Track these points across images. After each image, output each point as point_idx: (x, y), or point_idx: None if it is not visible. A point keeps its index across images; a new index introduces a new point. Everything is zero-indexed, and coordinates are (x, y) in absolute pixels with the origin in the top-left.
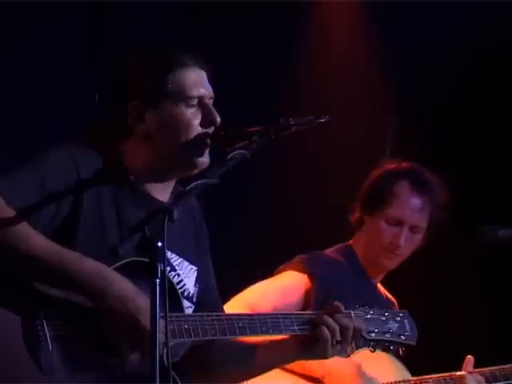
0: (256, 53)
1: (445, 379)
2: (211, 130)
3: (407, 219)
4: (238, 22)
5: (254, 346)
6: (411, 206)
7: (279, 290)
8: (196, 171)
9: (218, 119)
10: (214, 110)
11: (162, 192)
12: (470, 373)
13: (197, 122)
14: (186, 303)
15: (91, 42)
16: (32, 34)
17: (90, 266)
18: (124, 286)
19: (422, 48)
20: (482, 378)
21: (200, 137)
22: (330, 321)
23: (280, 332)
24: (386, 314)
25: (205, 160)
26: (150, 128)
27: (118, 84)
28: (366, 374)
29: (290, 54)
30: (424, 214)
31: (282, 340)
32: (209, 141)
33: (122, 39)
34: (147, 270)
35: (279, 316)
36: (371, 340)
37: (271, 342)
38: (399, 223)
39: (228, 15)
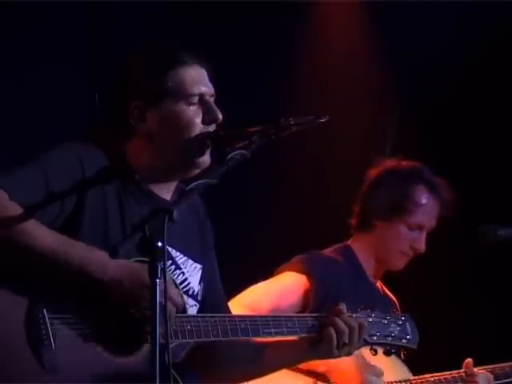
0: (256, 53)
1: (446, 378)
2: (213, 127)
3: (427, 224)
4: (237, 21)
5: (263, 346)
6: (432, 212)
7: (279, 290)
8: (197, 171)
9: (220, 116)
10: (215, 107)
11: (166, 191)
12: (477, 371)
13: (198, 119)
14: (190, 301)
15: (91, 42)
16: (32, 35)
17: (98, 254)
18: (132, 266)
19: (422, 48)
20: (491, 376)
21: (201, 136)
22: (340, 322)
23: (282, 334)
24: (388, 317)
25: (205, 159)
26: (152, 127)
27: (118, 84)
28: (370, 366)
29: (289, 54)
30: (437, 216)
31: (291, 341)
32: (209, 140)
33: (121, 39)
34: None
35: (282, 318)
36: (373, 343)
37: (280, 342)
38: (420, 228)
39: (228, 15)
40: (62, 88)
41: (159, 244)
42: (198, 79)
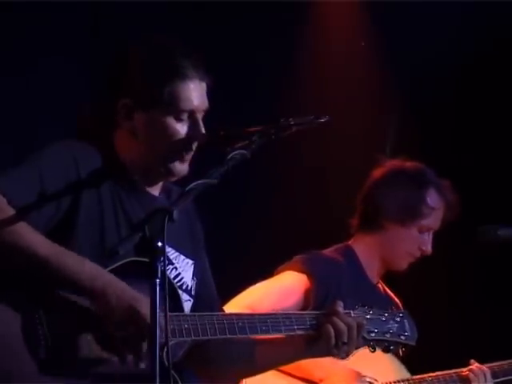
0: (256, 53)
1: (444, 378)
2: (194, 142)
3: (436, 227)
4: (237, 21)
5: (259, 344)
6: (441, 215)
7: (279, 290)
8: (174, 179)
9: (202, 134)
10: (199, 124)
11: (153, 187)
12: (471, 370)
13: (182, 133)
14: (184, 296)
15: (91, 42)
16: (32, 34)
17: (89, 267)
18: (122, 285)
19: (422, 48)
20: (486, 369)
21: (181, 144)
22: (339, 322)
23: (280, 332)
24: (386, 314)
25: (183, 168)
26: (137, 127)
27: (114, 77)
28: (363, 377)
29: (289, 54)
30: (442, 219)
31: (287, 338)
32: (189, 151)
33: (121, 39)
34: (146, 270)
35: (279, 316)
36: (371, 340)
37: (277, 340)
38: (428, 231)
39: (228, 15)
40: (62, 87)
41: (159, 244)
42: (193, 95)
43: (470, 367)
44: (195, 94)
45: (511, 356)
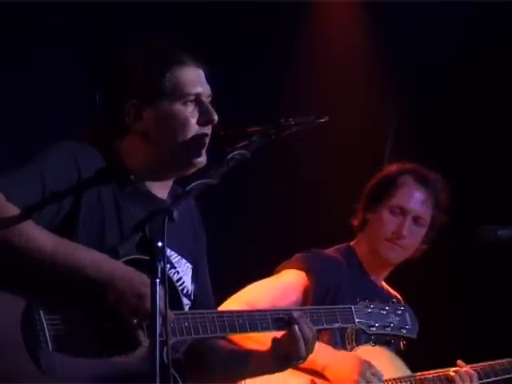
0: (256, 52)
1: (445, 375)
2: (209, 128)
3: (410, 208)
4: (237, 21)
5: (247, 356)
6: (414, 196)
7: (278, 288)
8: (192, 170)
9: (215, 117)
10: (211, 108)
11: (161, 190)
12: (458, 371)
13: (194, 120)
14: (185, 300)
15: (91, 41)
16: (32, 32)
17: (95, 254)
18: (130, 270)
19: (422, 48)
20: (473, 373)
21: (197, 137)
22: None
23: (282, 328)
24: (387, 307)
25: (202, 160)
26: (148, 126)
27: (115, 83)
28: (366, 363)
29: (289, 54)
30: (427, 206)
31: (270, 351)
32: (206, 140)
33: (121, 39)
34: (147, 268)
35: (280, 312)
36: (372, 334)
37: (263, 352)
38: (403, 213)
39: (228, 15)
40: (62, 86)
41: (159, 244)
42: (194, 79)
43: (456, 368)
44: (195, 78)
45: (511, 355)
